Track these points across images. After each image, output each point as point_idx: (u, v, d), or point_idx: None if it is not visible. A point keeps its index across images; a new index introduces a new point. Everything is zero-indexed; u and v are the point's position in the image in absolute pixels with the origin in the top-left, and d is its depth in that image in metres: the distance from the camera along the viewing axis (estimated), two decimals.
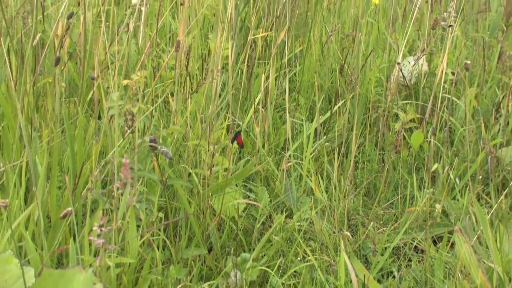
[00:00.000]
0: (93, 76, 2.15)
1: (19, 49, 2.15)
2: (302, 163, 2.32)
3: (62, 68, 2.17)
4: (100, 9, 2.44)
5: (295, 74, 2.89)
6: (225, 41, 2.31)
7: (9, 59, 2.07)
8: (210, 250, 1.98)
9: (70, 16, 2.12)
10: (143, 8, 2.57)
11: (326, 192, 2.26)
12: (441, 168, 2.32)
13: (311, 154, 2.33)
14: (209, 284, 1.82)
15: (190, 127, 2.22)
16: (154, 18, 2.69)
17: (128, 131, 1.85)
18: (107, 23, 2.54)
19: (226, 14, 2.42)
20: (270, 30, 2.72)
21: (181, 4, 2.60)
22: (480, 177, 2.36)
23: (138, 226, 1.76)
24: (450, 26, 2.62)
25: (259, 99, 2.47)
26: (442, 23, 2.71)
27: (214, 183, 2.03)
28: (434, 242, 2.16)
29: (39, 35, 2.10)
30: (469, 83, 2.66)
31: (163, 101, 2.38)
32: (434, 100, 2.54)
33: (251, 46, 2.64)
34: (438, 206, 2.19)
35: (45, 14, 2.33)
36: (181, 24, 2.34)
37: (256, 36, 2.66)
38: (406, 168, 2.46)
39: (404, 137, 2.50)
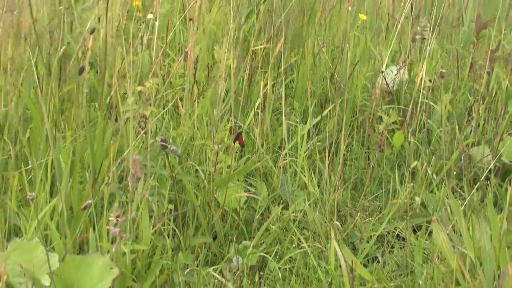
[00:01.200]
0: (109, 84, 2.15)
1: (46, 60, 2.15)
2: (296, 161, 2.32)
3: (84, 76, 2.16)
4: (118, 24, 2.43)
5: (290, 81, 2.89)
6: (228, 52, 2.31)
7: (36, 68, 2.07)
8: (214, 238, 1.98)
9: (92, 32, 2.11)
10: (156, 23, 2.56)
11: (318, 186, 2.25)
12: (420, 165, 2.32)
13: (304, 152, 2.33)
14: (213, 268, 1.82)
15: (197, 128, 2.21)
16: (166, 31, 2.68)
17: (142, 132, 1.85)
18: (124, 37, 2.54)
19: (229, 28, 2.42)
20: (268, 43, 2.71)
21: (190, 20, 2.60)
22: (455, 173, 2.37)
23: (150, 217, 1.75)
24: (424, 38, 2.62)
25: (259, 104, 2.46)
26: (417, 36, 2.72)
27: (218, 178, 2.02)
28: (414, 231, 2.15)
29: (64, 47, 2.09)
30: (444, 89, 2.66)
31: (173, 105, 2.37)
32: (413, 104, 2.54)
33: (251, 57, 2.63)
34: (417, 199, 2.19)
35: (69, 29, 2.32)
36: (191, 37, 2.34)
37: (256, 48, 2.66)
38: (389, 165, 2.45)
39: (387, 138, 2.50)
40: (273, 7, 2.75)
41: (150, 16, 2.62)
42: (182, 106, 2.26)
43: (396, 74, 2.69)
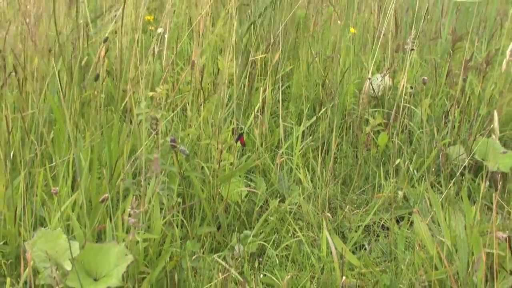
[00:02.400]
0: (124, 89, 2.14)
1: (68, 68, 2.14)
2: (292, 159, 2.31)
3: (102, 83, 2.15)
4: (132, 37, 2.43)
5: (287, 87, 2.88)
6: (230, 62, 2.30)
7: (59, 76, 2.06)
8: (218, 228, 1.97)
9: (105, 40, 2.10)
10: (166, 36, 2.55)
11: (311, 181, 2.25)
12: (403, 163, 2.33)
13: (299, 151, 2.32)
14: (218, 255, 1.81)
15: (203, 130, 2.20)
16: (175, 43, 2.67)
17: (153, 133, 1.83)
18: (138, 48, 2.52)
19: (231, 40, 2.41)
20: (267, 53, 2.70)
21: (197, 32, 2.59)
22: (433, 169, 2.38)
23: (161, 209, 1.75)
24: (412, 49, 2.61)
25: (258, 107, 2.46)
26: (406, 46, 2.70)
27: (222, 174, 2.02)
28: (397, 221, 2.15)
29: (86, 58, 2.08)
30: (424, 95, 2.66)
31: (181, 109, 2.36)
32: (396, 108, 2.54)
33: (251, 66, 2.62)
34: (400, 193, 2.19)
35: (89, 41, 2.31)
36: (197, 49, 2.33)
37: (255, 58, 2.64)
38: (375, 162, 2.45)
39: (373, 138, 2.50)
40: (271, 22, 2.75)
41: (160, 30, 2.60)
42: (190, 110, 2.25)
43: (381, 81, 2.69)
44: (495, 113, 1.96)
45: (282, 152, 2.31)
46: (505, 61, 2.50)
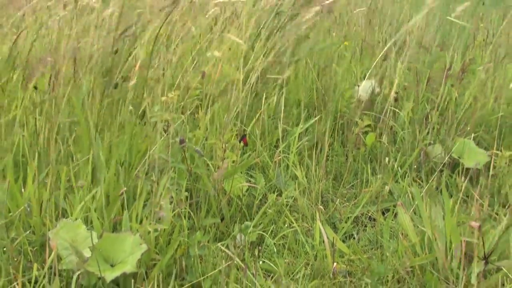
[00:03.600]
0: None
1: (93, 78, 2.12)
2: (289, 157, 2.29)
3: (127, 89, 2.13)
4: (151, 49, 2.42)
5: (286, 93, 2.86)
6: (237, 70, 2.30)
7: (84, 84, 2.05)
8: (222, 219, 1.95)
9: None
10: (178, 48, 2.54)
11: (306, 177, 2.23)
12: (388, 160, 2.31)
13: (295, 150, 2.30)
14: (221, 244, 1.79)
15: (209, 131, 2.19)
16: (189, 55, 2.63)
17: (165, 134, 1.82)
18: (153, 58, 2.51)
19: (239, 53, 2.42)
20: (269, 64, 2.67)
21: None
22: (415, 166, 2.37)
23: (170, 202, 1.72)
24: (396, 60, 2.60)
25: (260, 112, 2.43)
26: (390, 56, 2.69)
27: (226, 171, 1.99)
28: (383, 213, 2.14)
29: (121, 76, 2.07)
30: (407, 99, 2.65)
31: (191, 112, 2.34)
32: (383, 111, 2.52)
33: (256, 73, 2.60)
34: (386, 187, 2.18)
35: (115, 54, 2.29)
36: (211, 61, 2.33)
37: (258, 68, 2.62)
38: (363, 160, 2.43)
39: (362, 138, 2.48)
40: (273, 37, 2.73)
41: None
42: (199, 113, 2.24)
43: (369, 87, 2.67)
44: None
45: (280, 151, 2.29)
46: (482, 69, 2.49)
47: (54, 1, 2.56)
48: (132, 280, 1.49)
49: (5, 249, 1.52)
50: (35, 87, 2.13)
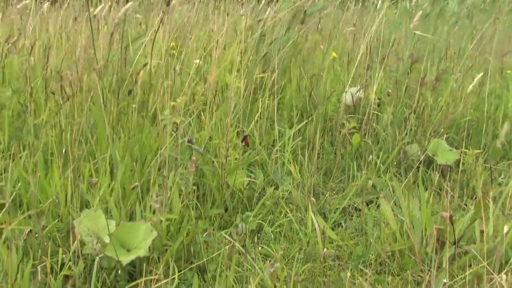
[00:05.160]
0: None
1: (109, 85, 2.11)
2: (284, 155, 2.28)
3: (135, 95, 2.12)
4: (160, 58, 2.40)
5: (280, 98, 2.85)
6: (237, 79, 2.29)
7: (102, 90, 2.04)
8: (226, 210, 1.94)
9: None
10: (196, 60, 2.53)
11: (300, 173, 2.22)
12: (372, 158, 2.30)
13: (290, 149, 2.29)
14: (225, 232, 1.79)
15: (213, 132, 2.17)
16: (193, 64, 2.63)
17: (174, 134, 1.81)
18: (163, 68, 2.50)
19: (238, 63, 2.40)
20: (265, 72, 2.66)
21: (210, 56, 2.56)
22: (395, 163, 2.36)
23: (179, 195, 1.71)
24: (378, 70, 2.59)
25: (258, 115, 2.42)
26: (373, 66, 2.68)
27: (228, 167, 1.98)
28: (367, 204, 2.13)
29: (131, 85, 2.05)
30: (388, 104, 2.64)
31: (197, 115, 2.33)
32: (367, 115, 2.51)
33: (254, 82, 2.59)
34: (370, 182, 2.17)
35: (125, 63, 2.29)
36: (212, 69, 2.31)
37: (256, 76, 2.61)
38: (350, 158, 2.42)
39: (349, 138, 2.47)
40: (270, 49, 2.72)
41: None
42: (204, 116, 2.23)
43: (355, 93, 2.66)
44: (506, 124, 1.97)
45: (277, 150, 2.28)
46: (452, 78, 2.48)
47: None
48: (145, 264, 1.48)
49: (37, 235, 1.52)
50: (53, 93, 2.12)
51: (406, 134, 2.49)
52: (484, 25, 3.26)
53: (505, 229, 1.53)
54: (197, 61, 2.41)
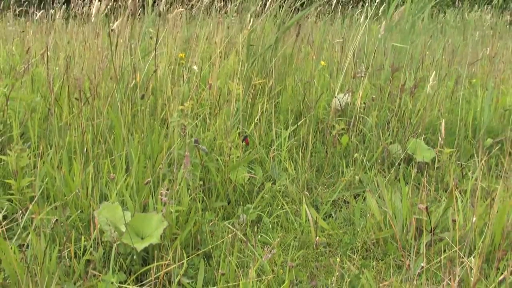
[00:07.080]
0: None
1: (124, 91, 2.10)
2: (281, 153, 2.28)
3: (147, 100, 2.12)
4: (169, 67, 2.40)
5: (277, 103, 2.85)
6: (238, 85, 2.28)
7: (118, 96, 2.03)
8: (229, 202, 1.94)
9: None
10: (194, 67, 2.52)
11: (295, 169, 2.21)
12: (359, 156, 2.30)
13: (286, 148, 2.29)
14: (228, 222, 1.78)
15: (217, 133, 2.17)
16: (199, 71, 2.62)
17: (182, 135, 1.81)
18: (172, 75, 2.49)
19: (239, 70, 2.39)
20: (264, 79, 2.66)
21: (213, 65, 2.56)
22: (379, 160, 2.35)
23: (187, 189, 1.71)
24: (362, 76, 2.59)
25: (257, 117, 2.42)
26: (357, 74, 2.68)
27: (231, 164, 1.98)
28: (355, 197, 2.13)
29: (143, 92, 2.04)
30: (373, 108, 2.64)
31: (202, 118, 2.33)
32: (354, 117, 2.51)
33: (253, 88, 2.58)
34: (357, 177, 2.17)
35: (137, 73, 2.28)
36: (213, 76, 2.30)
37: (255, 82, 2.61)
38: (339, 156, 2.42)
39: (338, 139, 2.47)
40: (267, 57, 2.71)
41: (194, 67, 2.55)
42: (208, 119, 2.22)
43: (343, 98, 2.66)
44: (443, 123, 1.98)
45: (274, 149, 2.28)
46: (429, 86, 2.48)
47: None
48: (157, 250, 1.48)
49: (62, 224, 1.52)
50: (76, 99, 2.11)
51: (389, 135, 2.49)
52: (455, 39, 3.26)
53: (473, 219, 1.55)
54: (195, 67, 2.41)
